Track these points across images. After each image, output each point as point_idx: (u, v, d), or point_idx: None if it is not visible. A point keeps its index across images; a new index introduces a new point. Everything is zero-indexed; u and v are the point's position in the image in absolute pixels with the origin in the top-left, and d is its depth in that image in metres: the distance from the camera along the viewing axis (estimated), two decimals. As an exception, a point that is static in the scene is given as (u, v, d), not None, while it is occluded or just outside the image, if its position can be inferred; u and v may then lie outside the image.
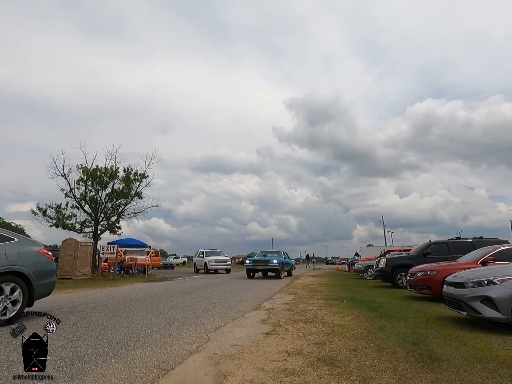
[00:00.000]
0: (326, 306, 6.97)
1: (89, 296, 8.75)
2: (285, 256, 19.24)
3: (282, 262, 17.17)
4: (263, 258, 17.90)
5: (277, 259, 17.01)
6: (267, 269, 16.95)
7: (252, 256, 45.33)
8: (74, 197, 19.01)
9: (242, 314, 5.91)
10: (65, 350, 3.46)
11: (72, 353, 3.38)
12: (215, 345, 3.81)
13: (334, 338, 4.16)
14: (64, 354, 3.32)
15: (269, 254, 19.32)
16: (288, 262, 19.58)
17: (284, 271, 17.61)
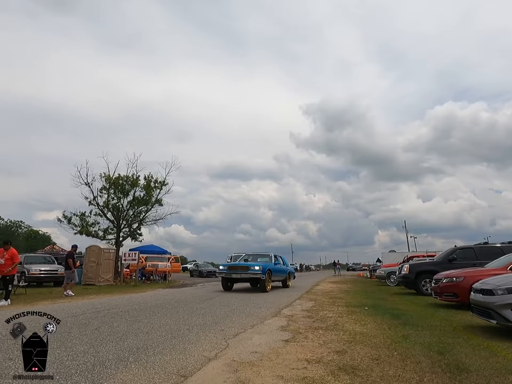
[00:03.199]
0: (347, 313, 6.82)
1: (111, 302, 8.91)
2: (276, 261, 14.17)
3: (269, 269, 12.51)
4: (240, 263, 13.15)
5: (261, 265, 12.26)
6: (245, 279, 12.48)
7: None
8: (97, 205, 19.55)
9: (262, 321, 5.86)
10: (87, 355, 3.52)
11: (94, 357, 3.44)
12: (234, 352, 3.78)
13: (356, 346, 4.05)
14: (86, 359, 3.38)
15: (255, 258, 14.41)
16: (281, 269, 14.48)
17: (270, 282, 12.74)
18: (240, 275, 12.17)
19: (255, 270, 11.98)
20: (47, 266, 15.92)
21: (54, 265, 16.42)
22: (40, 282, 15.48)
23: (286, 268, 15.46)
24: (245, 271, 12.10)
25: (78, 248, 13.54)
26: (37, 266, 15.43)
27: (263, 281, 11.97)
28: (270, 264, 13.25)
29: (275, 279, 13.78)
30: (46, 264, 16.28)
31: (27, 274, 14.63)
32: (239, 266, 12.60)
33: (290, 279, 15.60)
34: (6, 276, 8.87)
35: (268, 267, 12.57)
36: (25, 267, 14.82)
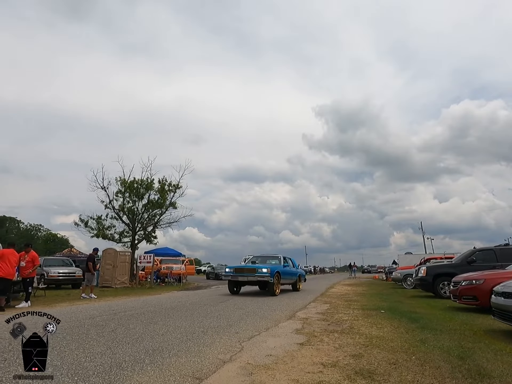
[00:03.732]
0: (363, 317, 6.72)
1: (127, 304, 9.04)
2: (285, 264, 13.37)
3: (277, 271, 11.85)
4: (247, 265, 12.59)
5: (270, 267, 11.58)
6: (253, 282, 11.79)
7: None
8: (113, 209, 19.88)
9: (276, 324, 5.83)
10: (104, 357, 3.57)
11: (111, 359, 3.48)
12: (249, 354, 3.77)
13: (372, 350, 3.98)
14: (103, 360, 3.43)
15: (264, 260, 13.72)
16: (291, 272, 13.80)
17: (280, 285, 12.19)
18: (247, 278, 11.54)
19: (262, 272, 11.32)
20: (66, 268, 16.29)
21: (72, 267, 16.79)
22: (59, 284, 15.83)
23: (296, 271, 14.74)
24: (252, 273, 11.44)
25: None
26: (56, 268, 15.80)
27: (271, 284, 11.34)
28: (279, 266, 12.58)
29: (285, 282, 13.14)
30: (64, 266, 16.66)
31: (46, 277, 15.00)
32: (246, 268, 11.96)
33: (300, 282, 14.87)
34: (26, 279, 9.10)
35: (277, 269, 11.91)
36: (44, 270, 15.20)
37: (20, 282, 9.38)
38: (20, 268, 9.22)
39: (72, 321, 5.98)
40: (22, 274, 9.20)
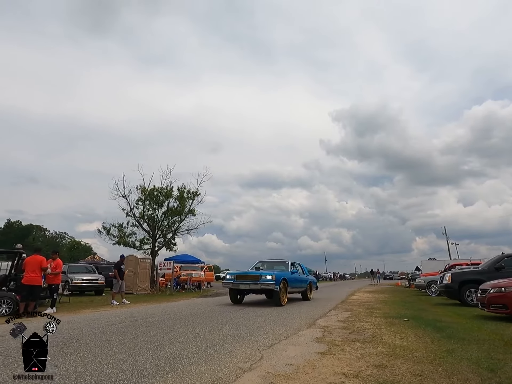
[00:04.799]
0: (385, 325, 6.54)
1: (148, 311, 9.15)
2: (293, 269, 12.13)
3: (284, 278, 10.67)
4: (250, 272, 11.20)
5: (275, 274, 10.47)
6: (255, 290, 10.72)
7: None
8: (133, 216, 20.30)
9: (296, 332, 5.76)
10: (126, 363, 3.62)
11: (132, 366, 3.52)
12: (269, 363, 3.73)
13: (396, 360, 3.85)
14: (125, 367, 3.47)
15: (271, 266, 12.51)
16: (300, 279, 12.48)
17: (287, 294, 10.93)
18: (250, 285, 10.43)
19: (266, 280, 10.23)
20: (89, 275, 16.71)
21: (95, 274, 17.19)
22: (82, 291, 16.23)
23: (306, 278, 13.52)
24: (255, 281, 10.35)
25: (117, 258, 14.08)
26: (80, 275, 16.23)
27: (276, 293, 10.19)
28: (285, 272, 11.44)
29: (293, 291, 11.94)
30: (87, 273, 17.08)
31: (70, 283, 15.41)
32: (248, 275, 10.81)
33: (311, 291, 13.64)
34: (51, 285, 9.38)
35: (283, 276, 10.78)
36: (68, 277, 15.63)
37: (46, 289, 9.66)
38: (46, 275, 9.53)
39: (95, 328, 6.10)
40: (47, 280, 9.49)
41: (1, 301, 8.15)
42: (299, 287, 12.45)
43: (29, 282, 8.25)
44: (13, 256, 9.73)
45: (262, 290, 10.67)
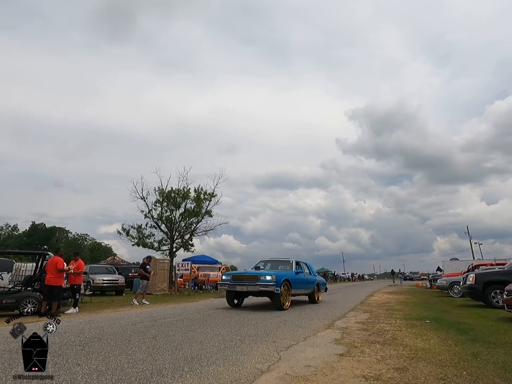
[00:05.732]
0: (406, 327, 6.39)
1: (167, 311, 9.26)
2: (298, 269, 11.13)
3: (286, 279, 9.68)
4: (247, 272, 10.42)
5: (275, 274, 9.43)
6: (253, 292, 9.66)
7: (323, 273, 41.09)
8: (152, 218, 20.63)
9: (314, 333, 5.70)
10: (145, 363, 3.67)
11: (151, 366, 3.57)
12: (287, 364, 3.71)
13: (418, 363, 3.76)
14: (144, 367, 3.52)
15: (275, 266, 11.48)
16: (305, 280, 11.44)
17: (290, 297, 9.89)
18: (247, 287, 9.36)
19: (266, 281, 9.15)
20: (109, 276, 17.08)
21: (115, 275, 17.57)
22: (103, 291, 16.59)
23: (314, 279, 12.37)
24: (252, 282, 9.28)
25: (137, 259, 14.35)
26: (101, 276, 16.61)
27: (277, 295, 9.15)
28: (288, 273, 10.46)
29: (297, 293, 11.05)
30: (108, 274, 17.47)
31: (92, 284, 15.79)
32: (246, 275, 9.86)
33: (319, 293, 12.50)
34: (74, 285, 9.63)
35: (286, 276, 9.75)
36: (90, 277, 16.02)
37: (68, 289, 9.93)
38: (69, 276, 9.80)
39: (115, 327, 6.22)
40: (70, 281, 9.76)
41: (26, 301, 8.42)
42: (305, 288, 11.47)
43: (48, 283, 8.52)
44: (37, 257, 10.05)
45: (261, 293, 9.51)
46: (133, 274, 19.70)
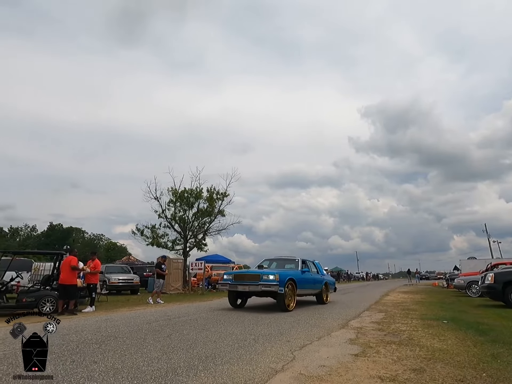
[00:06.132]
0: (422, 327, 6.28)
1: (181, 310, 9.35)
2: (304, 268, 10.52)
3: (291, 278, 9.12)
4: (250, 271, 10.16)
5: (279, 273, 8.79)
6: (255, 292, 9.10)
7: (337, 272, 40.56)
8: (165, 218, 20.86)
9: (328, 333, 5.66)
10: (160, 362, 3.70)
11: (166, 364, 3.60)
12: (301, 364, 3.69)
13: (436, 364, 3.68)
14: (159, 365, 3.55)
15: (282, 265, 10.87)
16: (312, 279, 10.86)
17: (295, 297, 9.32)
18: (249, 287, 8.83)
19: (269, 280, 8.60)
20: (125, 275, 17.35)
21: (130, 274, 17.84)
22: (119, 290, 16.87)
23: (321, 278, 11.71)
24: (254, 281, 8.75)
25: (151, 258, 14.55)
26: (116, 275, 16.89)
27: (281, 295, 8.60)
28: (293, 272, 9.87)
29: (304, 293, 10.59)
30: (123, 273, 17.75)
31: (108, 283, 16.07)
32: (247, 275, 9.39)
33: (328, 293, 11.89)
34: (90, 284, 9.82)
35: (290, 276, 9.18)
36: (106, 277, 16.31)
37: (85, 288, 10.13)
38: (85, 275, 10.00)
39: (131, 326, 6.31)
40: (86, 280, 9.96)
41: (45, 300, 8.63)
42: (312, 288, 10.92)
43: (61, 282, 8.73)
44: (55, 257, 10.28)
45: (263, 293, 8.90)
46: (147, 273, 19.98)
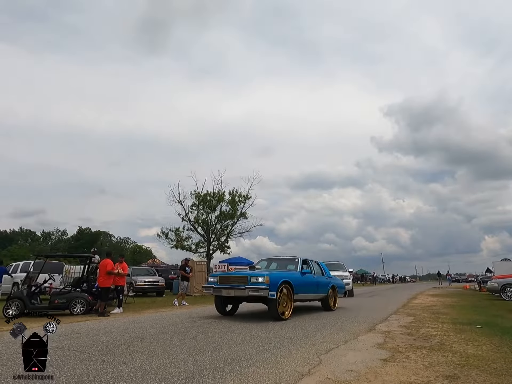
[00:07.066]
0: (454, 332, 6.03)
1: (206, 312, 9.42)
2: (304, 269, 8.96)
3: (285, 281, 7.65)
4: (236, 273, 9.38)
5: (269, 275, 7.39)
6: (241, 298, 7.83)
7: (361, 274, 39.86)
8: (189, 221, 21.21)
9: (355, 337, 5.54)
10: (187, 363, 3.74)
11: (193, 366, 3.63)
12: (328, 368, 3.62)
13: (470, 371, 3.52)
14: (186, 367, 3.59)
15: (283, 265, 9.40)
16: (315, 282, 9.29)
17: (292, 303, 7.89)
18: (234, 291, 7.44)
19: (257, 283, 7.16)
20: (150, 277, 17.73)
21: (155, 276, 18.20)
22: (145, 292, 17.24)
23: (327, 280, 10.08)
24: (241, 284, 7.36)
25: (175, 261, 14.81)
26: (142, 278, 17.28)
27: (273, 301, 7.20)
28: (290, 273, 8.47)
29: (303, 298, 9.19)
30: (149, 276, 18.14)
31: (134, 285, 16.46)
32: (233, 277, 8.11)
33: (335, 298, 10.28)
34: (118, 286, 10.08)
35: (285, 278, 7.71)
36: (132, 279, 16.72)
37: (113, 290, 10.41)
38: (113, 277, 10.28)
39: (157, 327, 6.43)
40: (114, 282, 10.23)
41: (76, 301, 8.94)
42: (315, 293, 9.37)
43: (99, 285, 9.04)
44: (85, 260, 10.64)
45: (251, 298, 7.56)
46: (172, 276, 20.31)
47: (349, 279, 16.28)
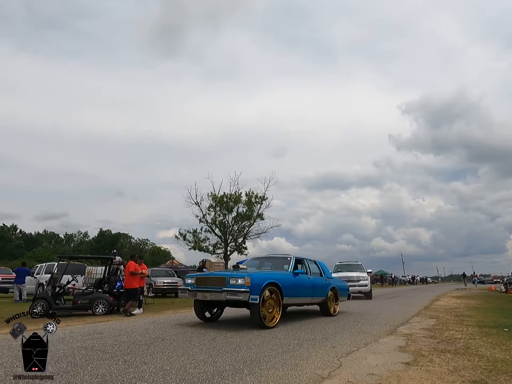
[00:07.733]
0: (480, 335, 5.83)
1: (224, 313, 9.45)
2: (297, 269, 7.81)
3: (273, 283, 6.61)
4: (213, 273, 8.11)
5: (251, 276, 6.33)
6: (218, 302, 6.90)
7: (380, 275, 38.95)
8: (206, 222, 21.43)
9: (376, 339, 5.43)
10: (206, 364, 3.76)
11: (212, 367, 3.65)
12: (348, 372, 3.57)
13: (498, 376, 3.39)
14: (206, 368, 3.61)
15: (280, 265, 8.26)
16: (311, 284, 8.05)
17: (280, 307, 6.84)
18: (210, 295, 6.42)
19: (236, 285, 6.22)
20: (169, 279, 17.95)
21: (174, 277, 18.42)
22: (164, 293, 17.48)
23: (326, 282, 8.87)
24: (219, 287, 6.38)
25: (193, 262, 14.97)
26: (161, 279, 17.52)
27: (255, 306, 6.23)
28: (279, 274, 7.40)
29: (296, 302, 8.09)
30: (168, 277, 18.38)
31: (154, 286, 16.72)
32: (211, 278, 7.02)
33: (336, 301, 9.10)
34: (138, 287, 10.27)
35: (271, 279, 6.65)
36: (152, 280, 16.98)
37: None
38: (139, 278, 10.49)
39: (177, 328, 6.49)
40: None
41: (98, 302, 9.15)
42: (310, 296, 8.14)
43: (125, 286, 9.35)
44: (106, 261, 10.88)
45: (229, 302, 6.71)
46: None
47: (366, 280, 15.78)
